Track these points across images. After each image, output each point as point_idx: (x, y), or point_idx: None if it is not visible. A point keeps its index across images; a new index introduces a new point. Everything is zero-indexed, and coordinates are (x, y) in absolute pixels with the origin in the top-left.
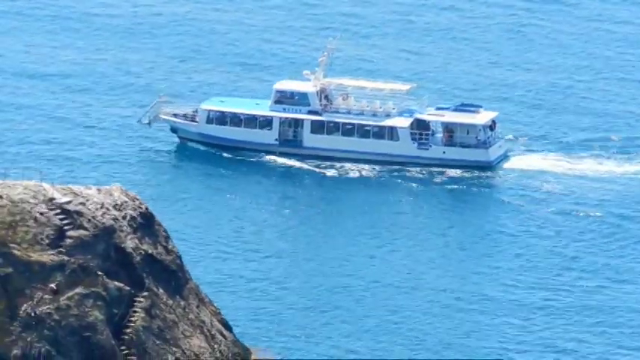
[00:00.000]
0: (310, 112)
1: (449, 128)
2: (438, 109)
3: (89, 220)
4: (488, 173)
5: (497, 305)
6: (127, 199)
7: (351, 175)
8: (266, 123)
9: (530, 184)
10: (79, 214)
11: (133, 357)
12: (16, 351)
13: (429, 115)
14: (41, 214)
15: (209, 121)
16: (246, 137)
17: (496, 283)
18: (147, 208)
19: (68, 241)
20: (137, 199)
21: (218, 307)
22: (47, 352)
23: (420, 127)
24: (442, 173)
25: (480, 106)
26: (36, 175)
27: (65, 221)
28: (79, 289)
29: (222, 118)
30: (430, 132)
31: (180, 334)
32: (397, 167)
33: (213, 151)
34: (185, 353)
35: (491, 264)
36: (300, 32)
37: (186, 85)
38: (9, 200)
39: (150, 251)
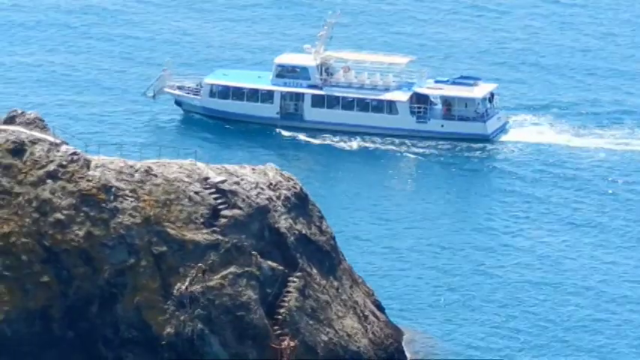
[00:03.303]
0: (311, 86)
1: (447, 102)
2: (437, 82)
3: (243, 199)
4: (486, 146)
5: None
6: (281, 179)
7: (351, 148)
8: (267, 97)
9: (528, 156)
10: (234, 193)
11: (285, 337)
12: (169, 329)
13: (427, 88)
14: (196, 193)
15: (212, 94)
16: (248, 111)
17: (492, 258)
18: (301, 189)
19: (222, 220)
20: (292, 179)
21: (371, 287)
22: (200, 330)
23: (419, 100)
24: (440, 146)
25: (479, 79)
26: (191, 155)
27: (219, 200)
28: (232, 269)
29: (224, 92)
30: (428, 105)
31: (334, 315)
32: (396, 141)
33: (217, 125)
34: (338, 333)
35: (487, 236)
36: (301, 5)
37: (190, 57)
38: (164, 179)
39: (304, 231)
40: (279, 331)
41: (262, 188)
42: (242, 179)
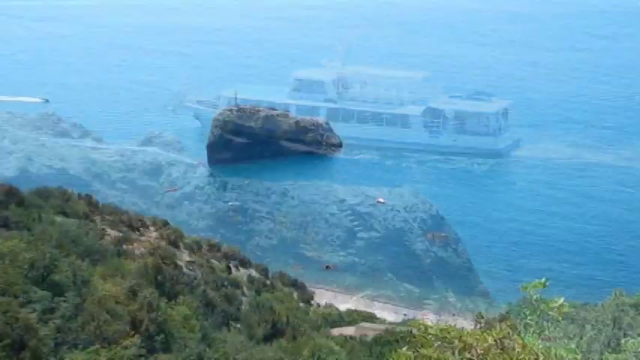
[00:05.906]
0: (326, 100)
1: (460, 116)
2: (452, 97)
3: (380, 222)
4: (497, 160)
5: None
6: (417, 202)
7: (365, 160)
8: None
9: (538, 171)
10: (370, 215)
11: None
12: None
13: (441, 103)
14: (332, 215)
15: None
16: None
17: (503, 271)
18: (437, 211)
19: (358, 242)
20: (427, 202)
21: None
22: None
23: (433, 115)
24: (452, 160)
25: (493, 95)
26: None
27: (355, 222)
28: (369, 291)
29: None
30: (441, 120)
31: None
32: (409, 154)
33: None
34: None
35: (499, 247)
36: (321, 21)
37: (210, 72)
38: (300, 201)
39: (440, 254)
40: None
41: (398, 210)
42: (378, 202)
